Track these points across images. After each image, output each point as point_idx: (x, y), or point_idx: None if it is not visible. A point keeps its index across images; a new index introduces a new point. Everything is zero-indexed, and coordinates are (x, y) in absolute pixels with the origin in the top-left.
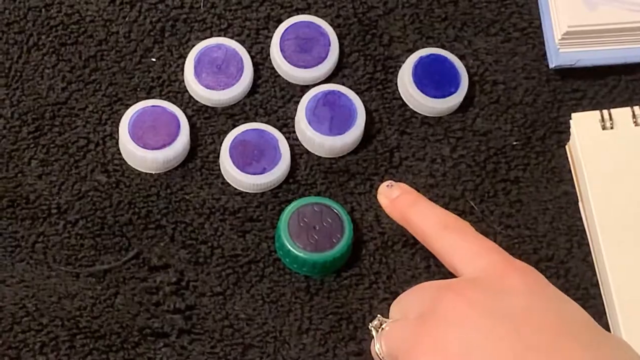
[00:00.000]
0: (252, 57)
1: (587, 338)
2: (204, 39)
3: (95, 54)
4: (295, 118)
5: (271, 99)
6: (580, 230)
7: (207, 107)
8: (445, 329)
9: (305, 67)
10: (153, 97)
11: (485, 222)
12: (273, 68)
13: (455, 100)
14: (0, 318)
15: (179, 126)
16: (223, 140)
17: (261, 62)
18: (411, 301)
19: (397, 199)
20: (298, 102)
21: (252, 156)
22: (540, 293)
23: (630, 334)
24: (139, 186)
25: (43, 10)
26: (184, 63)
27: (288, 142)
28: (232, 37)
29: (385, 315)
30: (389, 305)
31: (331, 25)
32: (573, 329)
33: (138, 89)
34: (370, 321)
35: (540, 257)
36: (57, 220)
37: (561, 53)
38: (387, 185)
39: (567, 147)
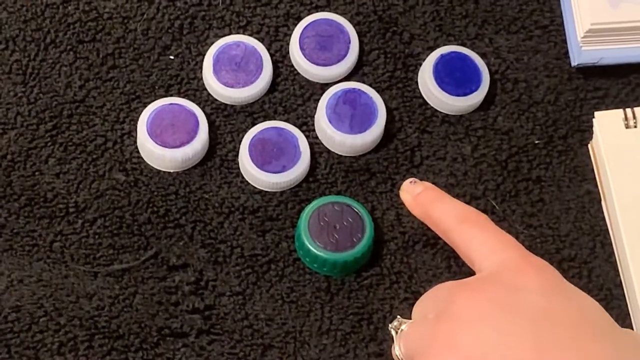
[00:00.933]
0: (271, 55)
1: (606, 333)
2: (222, 36)
3: (113, 51)
4: (315, 116)
5: (290, 97)
6: (604, 230)
7: (226, 105)
8: (460, 328)
9: (325, 65)
10: (171, 95)
11: (507, 222)
12: (292, 66)
13: (476, 98)
14: (18, 318)
15: (197, 124)
16: (242, 138)
17: (280, 60)
18: (429, 301)
19: (420, 195)
20: (318, 100)
21: (271, 154)
22: (556, 290)
23: None
24: (158, 185)
25: (60, 7)
26: (202, 61)
27: (308, 141)
28: (251, 35)
29: (407, 315)
30: (410, 305)
31: (351, 22)
32: (591, 325)
33: (156, 87)
34: (391, 322)
35: (563, 257)
36: (75, 219)
37: (583, 51)
38: (410, 182)
39: (589, 145)
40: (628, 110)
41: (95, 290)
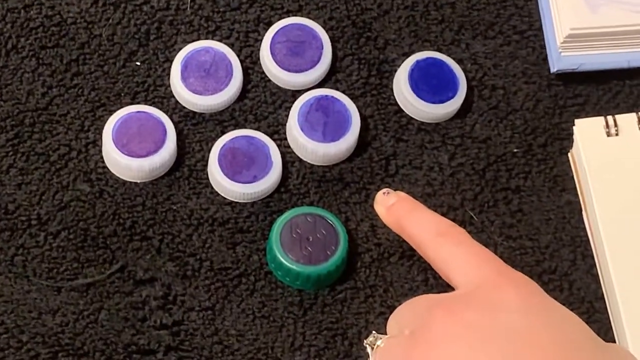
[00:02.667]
0: (241, 61)
1: (588, 351)
2: (191, 42)
3: (77, 57)
4: (287, 124)
5: (262, 104)
6: (585, 241)
7: (195, 113)
8: (435, 348)
9: (297, 71)
10: (138, 103)
11: (485, 233)
12: (263, 72)
13: (453, 105)
14: None
15: (165, 133)
16: (211, 147)
17: (251, 66)
18: (405, 315)
19: (393, 206)
20: (290, 107)
21: (242, 164)
22: (536, 307)
23: (638, 349)
24: (124, 196)
25: (22, 11)
26: (170, 67)
27: (279, 150)
28: (220, 40)
29: (382, 330)
30: (386, 319)
31: (324, 27)
32: (572, 344)
33: (122, 94)
34: (366, 337)
35: (543, 269)
36: (38, 232)
37: (563, 57)
38: (384, 193)
39: (569, 154)
40: (609, 117)
41: (58, 305)
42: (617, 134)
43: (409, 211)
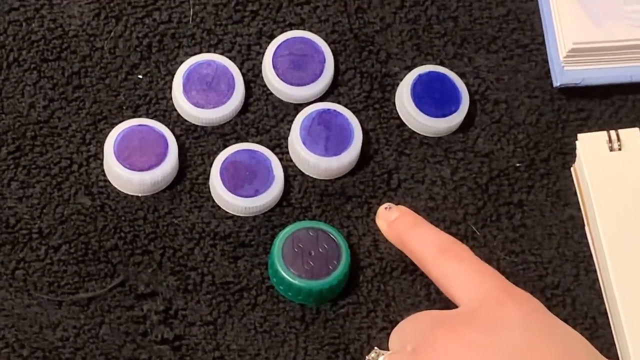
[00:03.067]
0: (243, 74)
1: None
2: (193, 55)
3: (79, 70)
4: (289, 138)
5: (263, 118)
6: (587, 256)
7: (197, 126)
8: None
9: (299, 85)
10: (140, 116)
11: (487, 248)
12: (265, 86)
13: (455, 119)
14: None
15: (167, 146)
16: (213, 161)
17: (253, 80)
18: (408, 331)
19: (395, 221)
20: (292, 121)
21: (243, 178)
22: (537, 325)
23: None
24: (125, 209)
25: (24, 24)
26: (172, 80)
27: (281, 163)
28: (222, 53)
29: (384, 345)
30: (388, 335)
31: (326, 41)
32: None
33: (124, 107)
34: (368, 353)
35: (546, 284)
36: (39, 246)
37: (566, 71)
38: (386, 208)
39: (572, 169)
40: (612, 132)
41: (59, 320)
42: (619, 149)
43: (410, 227)
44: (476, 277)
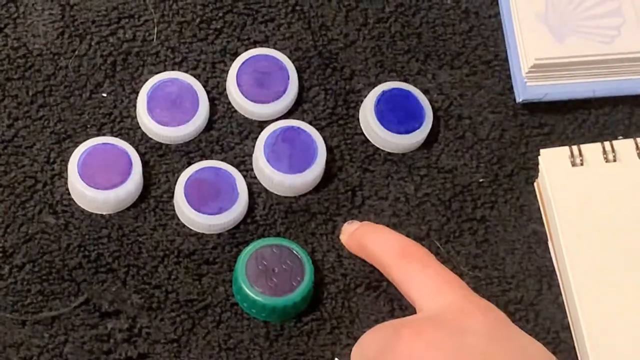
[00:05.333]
0: (207, 92)
1: None
2: (157, 73)
3: (43, 89)
4: (253, 155)
5: (228, 135)
6: (550, 271)
7: (161, 144)
8: None
9: (264, 102)
10: (104, 134)
11: (451, 263)
12: (229, 103)
13: (419, 136)
14: None
15: (131, 164)
16: (177, 178)
17: (217, 97)
18: (369, 343)
19: (355, 230)
20: (256, 138)
21: (208, 195)
22: (501, 334)
23: None
24: (89, 228)
25: None
26: (136, 98)
27: (246, 181)
28: (186, 71)
29: None
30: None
31: (290, 58)
32: None
33: (88, 126)
34: None
35: (509, 299)
36: (2, 265)
37: (528, 87)
38: (348, 224)
39: (535, 184)
40: (574, 147)
41: (23, 339)
42: (582, 164)
43: (371, 232)
44: (439, 283)
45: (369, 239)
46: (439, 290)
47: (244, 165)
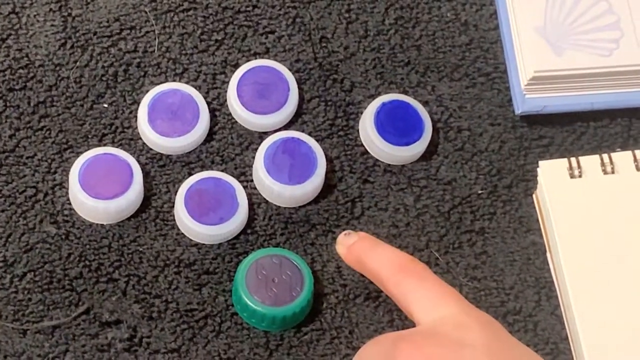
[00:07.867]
0: (208, 103)
1: None
2: (158, 84)
3: (44, 99)
4: (253, 166)
5: (228, 146)
6: (549, 282)
7: (162, 154)
8: None
9: (264, 114)
10: (105, 145)
11: (450, 274)
12: (230, 114)
13: (418, 147)
14: None
15: (132, 175)
16: (178, 189)
17: (218, 108)
18: (368, 356)
19: (354, 245)
20: (256, 149)
21: (208, 206)
22: (499, 346)
23: None
24: (90, 238)
25: None
26: (137, 109)
27: (246, 191)
28: (187, 82)
29: None
30: None
31: (290, 70)
32: None
33: (89, 136)
34: None
35: (508, 310)
36: (4, 274)
37: (527, 99)
38: (345, 234)
39: (534, 195)
40: (573, 159)
41: (24, 348)
42: (580, 176)
43: (369, 248)
44: (437, 297)
45: (367, 257)
46: (436, 303)
47: (244, 176)
